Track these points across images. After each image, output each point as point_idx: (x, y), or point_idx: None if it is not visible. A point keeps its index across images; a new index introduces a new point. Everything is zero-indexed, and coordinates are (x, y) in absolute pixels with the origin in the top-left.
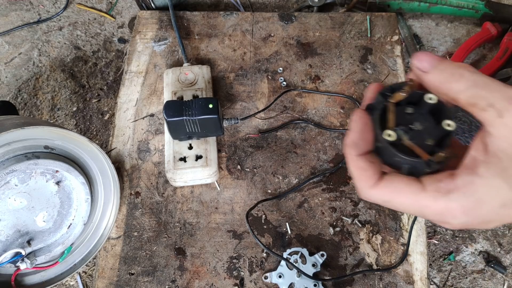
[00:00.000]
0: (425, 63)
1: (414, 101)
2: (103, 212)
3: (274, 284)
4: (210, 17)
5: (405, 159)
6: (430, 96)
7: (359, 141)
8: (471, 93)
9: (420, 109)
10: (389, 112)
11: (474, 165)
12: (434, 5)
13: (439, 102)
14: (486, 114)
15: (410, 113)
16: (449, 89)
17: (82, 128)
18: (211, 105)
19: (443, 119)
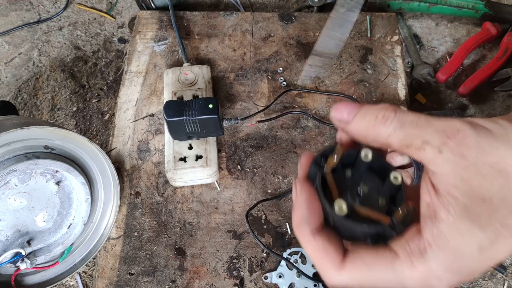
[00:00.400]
0: (344, 113)
1: (350, 162)
2: (103, 212)
3: (274, 284)
4: (210, 17)
5: (366, 228)
6: (364, 153)
7: (309, 216)
8: (402, 134)
9: (359, 169)
10: (330, 184)
11: (433, 212)
12: (434, 5)
13: (375, 156)
14: (425, 153)
15: (350, 176)
16: (377, 135)
17: (82, 128)
18: (211, 105)
19: (387, 173)
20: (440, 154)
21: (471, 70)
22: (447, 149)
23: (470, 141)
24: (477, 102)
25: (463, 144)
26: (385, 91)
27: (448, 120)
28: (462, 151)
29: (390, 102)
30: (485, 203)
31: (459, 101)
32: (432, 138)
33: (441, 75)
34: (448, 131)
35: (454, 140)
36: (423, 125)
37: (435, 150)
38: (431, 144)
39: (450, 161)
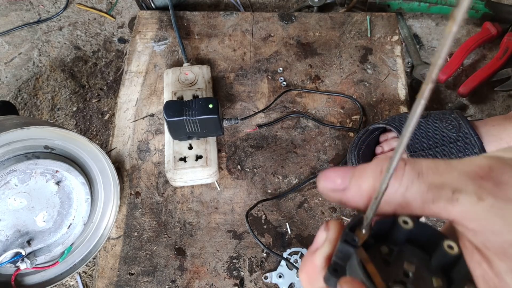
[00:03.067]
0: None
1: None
2: (103, 212)
3: (274, 284)
4: (210, 17)
5: None
6: (404, 219)
7: None
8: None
9: (397, 242)
10: (367, 264)
11: None
12: (434, 5)
13: (418, 222)
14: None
15: (388, 253)
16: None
17: (82, 128)
18: (211, 105)
19: (437, 243)
20: (481, 202)
21: (471, 70)
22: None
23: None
24: (477, 102)
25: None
26: (385, 91)
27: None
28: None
29: (390, 102)
30: None
31: (459, 101)
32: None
33: (441, 75)
34: (479, 172)
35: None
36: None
37: (473, 199)
38: (466, 191)
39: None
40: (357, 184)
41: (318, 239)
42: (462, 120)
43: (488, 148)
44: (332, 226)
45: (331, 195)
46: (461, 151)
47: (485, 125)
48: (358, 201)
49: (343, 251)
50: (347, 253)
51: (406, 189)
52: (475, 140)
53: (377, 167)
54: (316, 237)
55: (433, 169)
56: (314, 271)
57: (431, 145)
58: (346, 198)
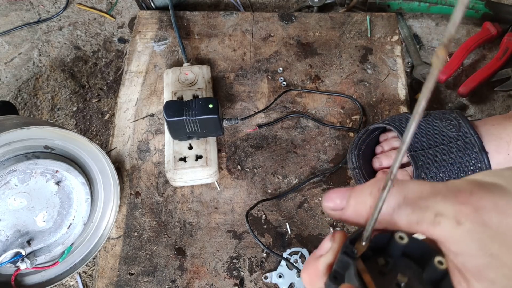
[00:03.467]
0: (336, 200)
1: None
2: (103, 212)
3: (274, 284)
4: (210, 17)
5: None
6: (400, 234)
7: None
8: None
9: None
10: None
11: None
12: (434, 5)
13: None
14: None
15: (384, 264)
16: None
17: (82, 128)
18: (211, 105)
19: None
20: (460, 226)
21: (471, 70)
22: (465, 219)
23: (486, 203)
24: (477, 102)
25: (480, 208)
26: (385, 91)
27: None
28: (482, 217)
29: (390, 102)
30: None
31: (459, 101)
32: (445, 208)
33: (441, 75)
34: (459, 196)
35: (469, 206)
36: (429, 194)
37: (452, 223)
38: (446, 215)
39: (473, 233)
40: (353, 205)
41: (324, 247)
42: (462, 120)
43: (488, 147)
44: (337, 237)
45: (332, 214)
46: (461, 150)
47: (484, 124)
48: (355, 219)
49: (343, 262)
50: (346, 263)
51: (393, 211)
52: (475, 139)
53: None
54: (321, 244)
55: (418, 193)
56: (316, 275)
57: (431, 145)
58: (345, 216)
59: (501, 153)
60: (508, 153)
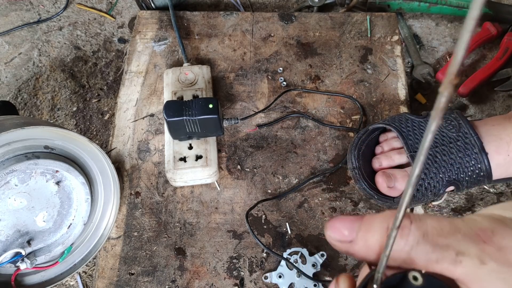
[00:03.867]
0: (344, 231)
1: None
2: (103, 212)
3: (274, 284)
4: (210, 17)
5: None
6: (414, 274)
7: None
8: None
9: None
10: None
11: None
12: (434, 5)
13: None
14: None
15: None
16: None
17: (82, 128)
18: (211, 105)
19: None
20: (483, 266)
21: (471, 70)
22: (489, 259)
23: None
24: (477, 102)
25: (503, 248)
26: (385, 91)
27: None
28: (507, 257)
29: (390, 102)
30: None
31: (459, 101)
32: (467, 247)
33: (441, 75)
34: (481, 235)
35: (493, 245)
36: (450, 232)
37: (475, 262)
38: (469, 255)
39: (497, 273)
40: (364, 238)
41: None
42: (462, 120)
43: (488, 148)
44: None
45: (339, 246)
46: (461, 151)
47: (484, 124)
48: (365, 255)
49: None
50: None
51: (411, 248)
52: (475, 140)
53: (383, 223)
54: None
55: (438, 230)
56: None
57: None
58: (353, 250)
59: (501, 154)
60: (508, 153)
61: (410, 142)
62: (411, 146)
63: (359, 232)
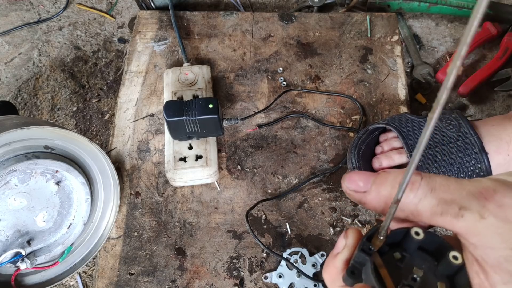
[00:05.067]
0: (359, 182)
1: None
2: (103, 212)
3: (274, 284)
4: (210, 17)
5: None
6: (416, 230)
7: None
8: (434, 201)
9: (408, 250)
10: (380, 269)
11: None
12: (434, 5)
13: (428, 233)
14: (464, 222)
15: (400, 258)
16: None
17: (82, 128)
18: (211, 105)
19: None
20: (483, 220)
21: (471, 70)
22: (489, 214)
23: (510, 201)
24: (477, 102)
25: (503, 205)
26: (385, 91)
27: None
28: (505, 213)
29: (390, 102)
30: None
31: (459, 101)
32: (469, 203)
33: (441, 75)
34: (484, 193)
35: (493, 202)
36: (456, 189)
37: (476, 217)
38: (470, 209)
39: (495, 227)
40: (377, 190)
41: (339, 245)
42: (462, 120)
43: (488, 148)
44: (350, 234)
45: (353, 195)
46: (461, 151)
47: (485, 124)
48: (376, 204)
49: (360, 258)
50: (363, 259)
51: (419, 201)
52: (475, 139)
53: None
54: (337, 243)
55: (445, 186)
56: (335, 272)
57: (431, 145)
58: (366, 199)
59: (501, 154)
60: (508, 153)
61: (410, 142)
62: (411, 146)
63: (373, 185)
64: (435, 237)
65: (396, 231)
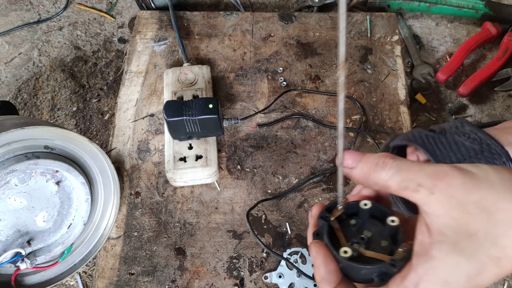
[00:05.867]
0: (349, 160)
1: (354, 212)
2: (103, 212)
3: (274, 284)
4: (210, 17)
5: (370, 268)
6: (364, 202)
7: (327, 275)
8: (399, 178)
9: (362, 217)
10: (337, 231)
11: (426, 250)
12: (434, 5)
13: (374, 204)
14: (419, 195)
15: (355, 224)
16: (377, 179)
17: (82, 128)
18: (211, 105)
19: (386, 218)
20: (432, 195)
21: (471, 70)
22: (438, 191)
23: (457, 183)
24: (477, 102)
25: (451, 185)
26: (385, 91)
27: (438, 165)
28: (451, 191)
29: (390, 102)
30: (471, 238)
31: (459, 101)
32: (424, 181)
33: (441, 75)
34: (438, 175)
35: (443, 182)
36: (416, 170)
37: (427, 192)
38: (424, 186)
39: (441, 201)
40: (360, 167)
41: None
42: (479, 132)
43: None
44: (313, 208)
45: (344, 170)
46: (490, 161)
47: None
48: (359, 178)
49: (320, 223)
50: (322, 224)
51: (389, 178)
52: (500, 149)
53: (374, 160)
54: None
55: (409, 168)
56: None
57: (459, 158)
58: (352, 174)
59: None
60: None
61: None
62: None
63: (359, 163)
64: (380, 207)
65: (351, 203)
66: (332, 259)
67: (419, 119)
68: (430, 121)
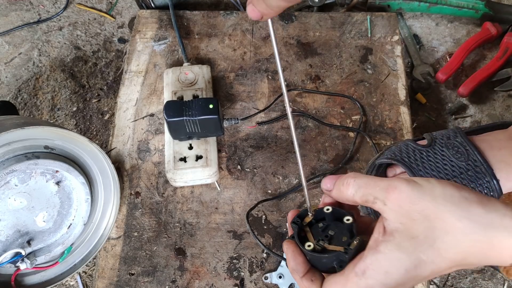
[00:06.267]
0: (328, 184)
1: (322, 217)
2: (103, 212)
3: (274, 284)
4: (210, 17)
5: (328, 256)
6: (326, 207)
7: (296, 266)
8: (360, 193)
9: (328, 220)
10: (306, 232)
11: (376, 245)
12: (434, 5)
13: (334, 208)
14: (376, 205)
15: (322, 226)
16: (346, 196)
17: (82, 128)
18: (211, 105)
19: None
20: (385, 206)
21: (471, 70)
22: (389, 202)
23: (404, 195)
24: (477, 102)
25: (399, 197)
26: (385, 91)
27: (390, 180)
28: (399, 202)
29: (390, 102)
30: (414, 239)
31: (459, 101)
32: (379, 194)
33: (441, 75)
34: (389, 189)
35: (393, 194)
36: (372, 186)
37: (381, 203)
38: (379, 198)
39: (392, 210)
40: (336, 189)
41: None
42: (468, 146)
43: (499, 176)
44: (289, 215)
45: (325, 192)
46: (473, 181)
47: (491, 149)
48: (337, 198)
49: (293, 227)
50: (295, 228)
51: (353, 194)
52: (485, 168)
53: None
54: None
55: (367, 184)
56: None
57: (442, 178)
58: (331, 195)
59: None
60: None
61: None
62: None
63: (335, 186)
64: (339, 210)
65: (318, 210)
66: (300, 253)
67: (419, 119)
68: (430, 121)
